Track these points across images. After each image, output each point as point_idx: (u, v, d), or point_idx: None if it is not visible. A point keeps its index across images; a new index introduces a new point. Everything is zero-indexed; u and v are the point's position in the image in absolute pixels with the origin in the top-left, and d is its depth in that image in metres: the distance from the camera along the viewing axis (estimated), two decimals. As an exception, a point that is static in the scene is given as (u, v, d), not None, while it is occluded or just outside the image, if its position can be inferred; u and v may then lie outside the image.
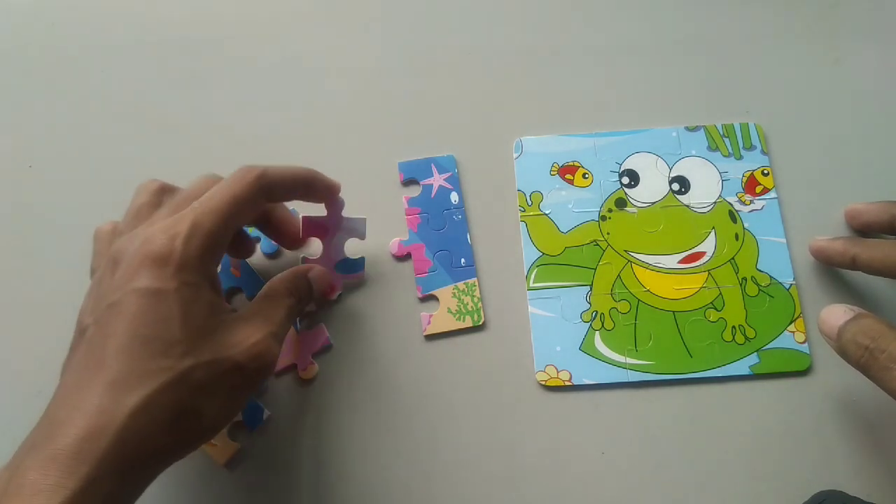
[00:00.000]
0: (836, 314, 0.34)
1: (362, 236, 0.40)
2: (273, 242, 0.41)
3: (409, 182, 0.43)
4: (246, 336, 0.31)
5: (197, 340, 0.29)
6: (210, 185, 0.33)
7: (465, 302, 0.40)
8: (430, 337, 0.40)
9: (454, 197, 0.42)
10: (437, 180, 0.43)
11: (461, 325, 0.40)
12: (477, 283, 0.41)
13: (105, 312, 0.28)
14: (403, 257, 0.41)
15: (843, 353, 0.33)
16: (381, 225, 0.42)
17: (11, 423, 0.39)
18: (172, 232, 0.29)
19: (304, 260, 0.40)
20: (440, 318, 0.40)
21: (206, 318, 0.29)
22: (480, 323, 0.40)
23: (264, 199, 0.33)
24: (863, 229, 0.41)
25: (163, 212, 0.32)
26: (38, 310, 0.41)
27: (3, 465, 0.26)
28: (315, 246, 0.41)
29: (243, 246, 0.39)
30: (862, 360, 0.32)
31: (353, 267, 0.40)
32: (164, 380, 0.27)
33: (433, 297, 0.41)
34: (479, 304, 0.40)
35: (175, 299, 0.28)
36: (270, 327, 0.32)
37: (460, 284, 0.41)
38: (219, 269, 0.34)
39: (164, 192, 0.34)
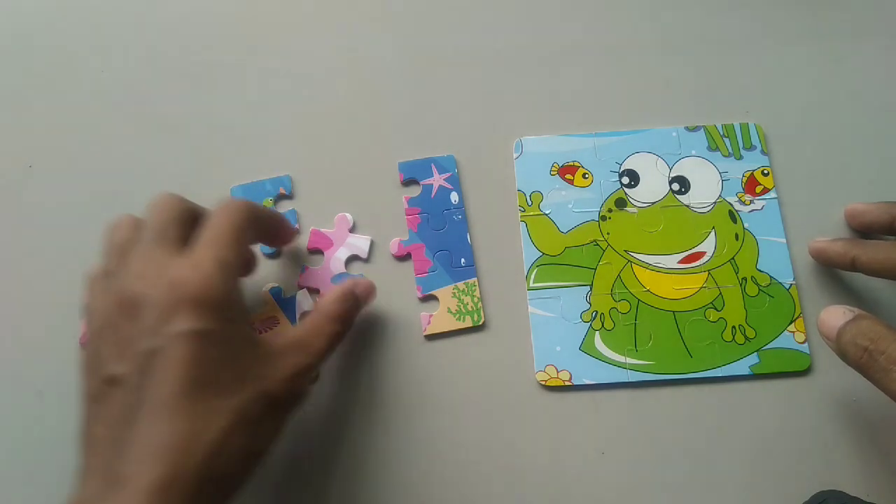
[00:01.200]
0: (836, 315, 0.33)
1: (364, 254, 0.41)
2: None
3: (409, 182, 0.43)
4: (283, 365, 0.31)
5: (243, 378, 0.29)
6: (185, 205, 0.33)
7: (465, 302, 0.40)
8: (430, 337, 0.40)
9: (454, 197, 0.42)
10: (437, 180, 0.43)
11: (461, 325, 0.40)
12: (477, 283, 0.41)
13: (147, 360, 0.27)
14: (403, 257, 0.41)
15: (843, 354, 0.33)
16: (381, 225, 0.42)
17: (12, 423, 0.39)
18: (202, 272, 0.29)
19: (305, 269, 0.41)
20: (440, 318, 0.40)
21: (247, 354, 0.29)
22: (480, 323, 0.40)
23: (253, 237, 0.34)
24: (863, 230, 0.41)
25: (163, 250, 0.31)
26: (38, 310, 0.41)
27: None
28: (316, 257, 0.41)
29: (248, 265, 0.39)
30: (861, 362, 0.32)
31: None
32: (227, 422, 0.27)
33: (433, 297, 0.41)
34: (479, 304, 0.40)
35: (221, 339, 0.28)
36: (306, 356, 0.32)
37: (460, 284, 0.41)
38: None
39: (139, 227, 0.32)
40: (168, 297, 0.28)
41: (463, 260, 0.41)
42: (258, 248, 0.41)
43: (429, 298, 0.41)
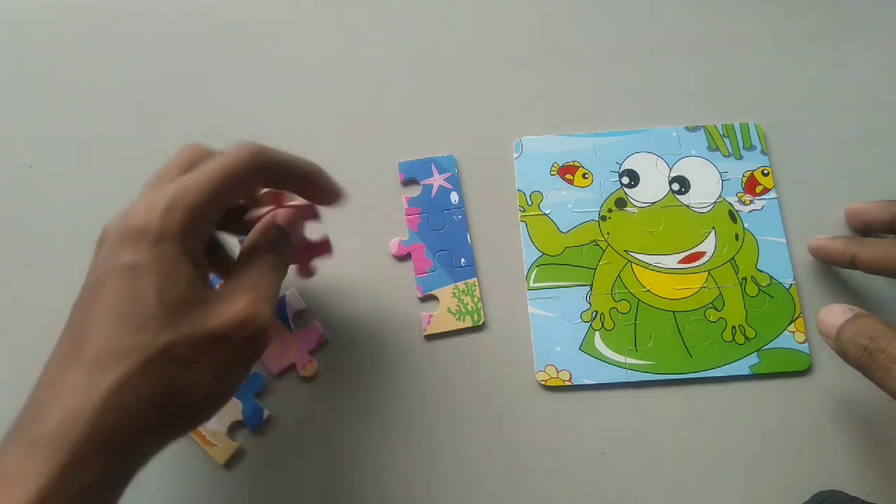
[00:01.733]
0: (835, 314, 0.33)
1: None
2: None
3: (409, 182, 0.43)
4: (230, 305, 0.29)
5: (177, 314, 0.27)
6: (198, 154, 0.32)
7: (465, 302, 0.40)
8: (430, 337, 0.40)
9: (454, 197, 0.42)
10: (437, 180, 0.43)
11: (461, 325, 0.40)
12: (477, 283, 0.41)
13: (85, 293, 0.28)
14: (403, 257, 0.41)
15: (842, 352, 0.33)
16: (381, 225, 0.42)
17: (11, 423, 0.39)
18: (152, 205, 0.28)
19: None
20: (440, 318, 0.40)
21: (186, 291, 0.28)
22: (480, 323, 0.40)
23: (259, 179, 0.32)
24: (863, 229, 0.41)
25: (151, 187, 0.31)
26: (37, 310, 0.41)
27: None
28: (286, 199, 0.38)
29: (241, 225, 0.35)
30: (861, 360, 0.32)
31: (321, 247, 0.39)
32: (142, 357, 0.26)
33: (433, 297, 0.41)
34: (480, 304, 0.40)
35: (151, 273, 0.27)
36: (255, 291, 0.30)
37: (460, 284, 0.41)
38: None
39: (193, 159, 0.32)
40: (117, 229, 0.28)
41: (463, 260, 0.41)
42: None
43: (429, 298, 0.41)
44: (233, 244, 0.36)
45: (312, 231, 0.38)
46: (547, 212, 0.42)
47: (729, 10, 0.47)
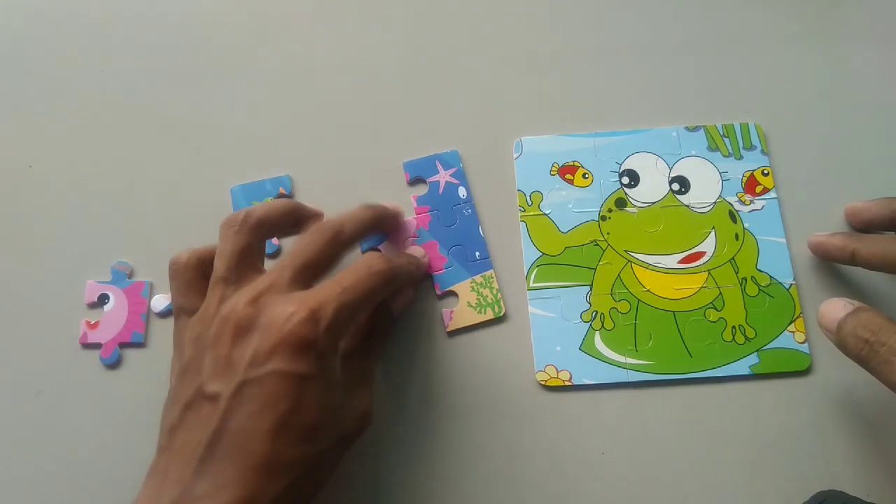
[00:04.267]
0: (836, 308, 0.33)
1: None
2: (273, 242, 0.41)
3: (415, 181, 0.43)
4: (355, 407, 0.32)
5: (329, 424, 0.29)
6: (336, 234, 0.33)
7: (485, 294, 0.40)
8: (452, 333, 0.40)
9: (462, 191, 0.42)
10: (443, 176, 0.43)
11: (483, 317, 0.40)
12: (494, 275, 0.41)
13: (241, 388, 0.28)
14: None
15: (843, 346, 0.33)
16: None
17: (11, 422, 0.39)
18: (318, 316, 0.29)
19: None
20: (461, 313, 0.40)
21: (337, 399, 0.30)
22: (501, 314, 0.40)
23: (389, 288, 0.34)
24: (864, 226, 0.41)
25: (288, 277, 0.31)
26: (37, 310, 0.41)
27: None
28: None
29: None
30: (862, 354, 0.32)
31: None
32: (305, 468, 0.28)
33: (452, 293, 0.40)
34: (499, 296, 0.40)
35: (315, 386, 0.28)
36: (371, 386, 0.34)
37: (478, 278, 0.41)
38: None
39: (261, 232, 0.33)
40: (277, 331, 0.28)
41: (478, 253, 0.41)
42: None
43: (447, 294, 0.41)
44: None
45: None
46: (547, 212, 0.42)
47: (729, 10, 0.47)
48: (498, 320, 0.40)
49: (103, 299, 0.41)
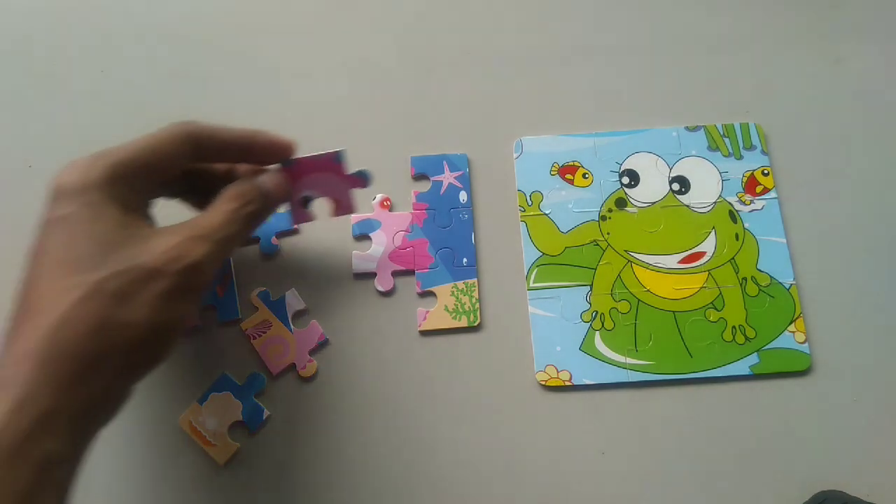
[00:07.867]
0: None
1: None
2: (273, 243, 0.41)
3: (419, 177, 0.43)
4: (163, 241, 0.31)
5: (108, 253, 0.29)
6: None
7: (463, 301, 0.40)
8: (426, 333, 0.40)
9: (463, 196, 0.42)
10: (447, 178, 0.43)
11: (457, 324, 0.40)
12: (476, 284, 0.41)
13: (28, 255, 0.30)
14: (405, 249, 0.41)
15: None
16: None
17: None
18: (72, 166, 0.31)
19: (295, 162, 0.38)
20: (436, 315, 0.40)
21: (116, 231, 0.30)
22: (476, 324, 0.40)
23: (190, 146, 0.34)
24: None
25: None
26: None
27: None
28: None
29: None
30: None
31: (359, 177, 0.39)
32: (77, 294, 0.28)
33: (431, 294, 0.41)
34: (477, 306, 0.40)
35: (79, 220, 0.29)
36: (192, 231, 0.32)
37: (460, 284, 0.41)
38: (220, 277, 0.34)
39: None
40: (47, 192, 0.31)
41: (465, 259, 0.41)
42: (252, 250, 0.41)
43: (427, 294, 0.41)
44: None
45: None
46: (547, 212, 0.42)
47: (729, 10, 0.47)
48: (498, 320, 0.40)
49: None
